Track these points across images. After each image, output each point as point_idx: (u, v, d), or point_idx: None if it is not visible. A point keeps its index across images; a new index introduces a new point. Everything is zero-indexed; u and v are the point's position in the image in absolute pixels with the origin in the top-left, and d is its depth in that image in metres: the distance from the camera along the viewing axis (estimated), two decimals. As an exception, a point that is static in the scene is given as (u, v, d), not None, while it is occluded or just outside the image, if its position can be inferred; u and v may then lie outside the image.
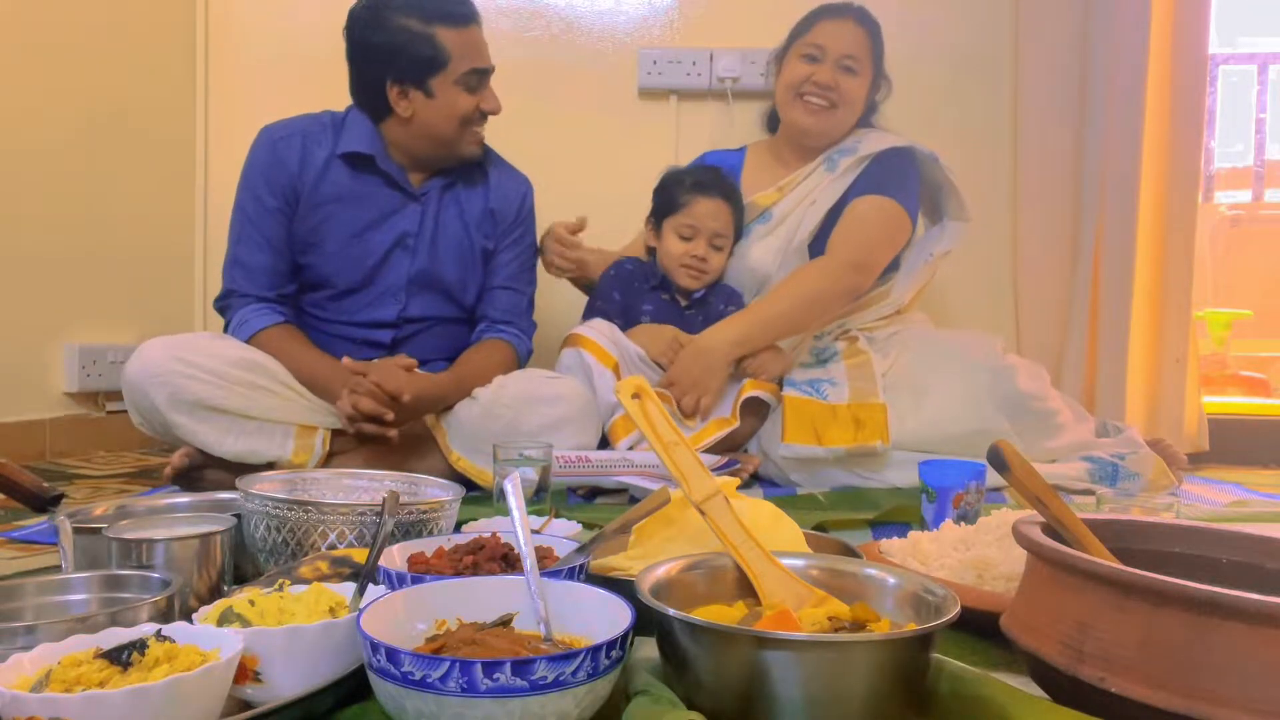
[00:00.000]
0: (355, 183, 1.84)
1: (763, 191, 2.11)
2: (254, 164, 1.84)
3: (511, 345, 1.92)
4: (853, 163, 2.07)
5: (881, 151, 2.06)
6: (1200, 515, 1.54)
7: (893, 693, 0.66)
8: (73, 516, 0.98)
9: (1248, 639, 0.59)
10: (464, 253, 1.92)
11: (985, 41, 2.47)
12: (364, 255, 1.85)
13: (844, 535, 1.26)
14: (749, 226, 2.11)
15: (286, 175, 1.81)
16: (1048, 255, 2.40)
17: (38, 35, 2.12)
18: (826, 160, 2.10)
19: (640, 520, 0.92)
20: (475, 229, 1.93)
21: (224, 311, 1.84)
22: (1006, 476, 0.78)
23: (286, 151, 1.81)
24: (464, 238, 1.92)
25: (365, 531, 1.00)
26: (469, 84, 1.80)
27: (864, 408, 1.82)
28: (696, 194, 2.03)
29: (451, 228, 1.91)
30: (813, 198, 2.07)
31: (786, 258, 2.06)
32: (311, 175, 1.82)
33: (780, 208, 2.10)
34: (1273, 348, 3.20)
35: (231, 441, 1.64)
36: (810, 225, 2.05)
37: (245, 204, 1.83)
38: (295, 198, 1.82)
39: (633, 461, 1.68)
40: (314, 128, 1.86)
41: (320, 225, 1.82)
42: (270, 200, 1.81)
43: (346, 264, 1.84)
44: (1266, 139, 3.42)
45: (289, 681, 0.69)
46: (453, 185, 1.91)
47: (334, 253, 1.84)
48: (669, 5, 2.54)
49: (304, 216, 1.82)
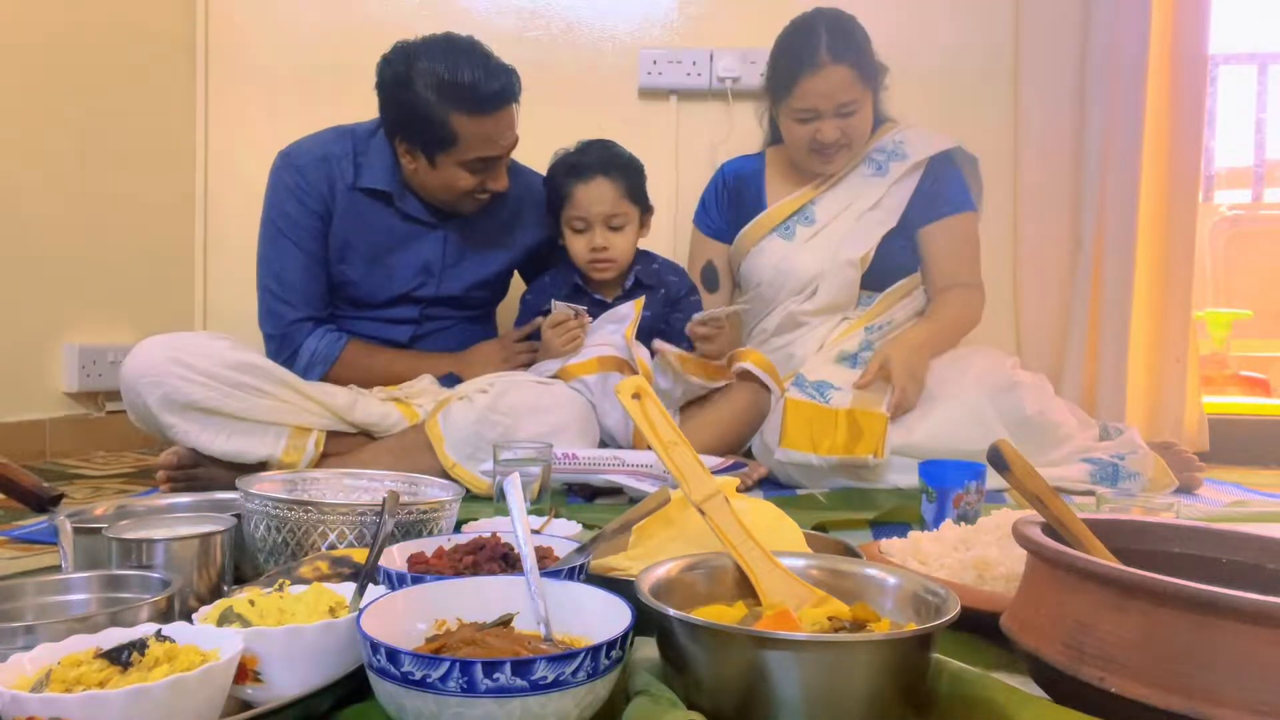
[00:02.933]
0: (376, 212, 1.86)
1: (794, 195, 2.11)
2: (281, 187, 1.83)
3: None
4: (906, 170, 2.06)
5: (936, 159, 2.07)
6: (1200, 515, 1.54)
7: (893, 693, 0.66)
8: (73, 516, 0.98)
9: (1248, 639, 0.59)
10: (488, 273, 1.97)
11: (985, 41, 2.47)
12: (388, 280, 1.89)
13: (844, 535, 1.26)
14: (790, 226, 2.09)
15: (317, 196, 1.82)
16: (1048, 255, 2.40)
17: (38, 36, 2.12)
18: (867, 159, 2.09)
19: (640, 520, 0.92)
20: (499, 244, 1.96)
21: (284, 343, 1.84)
22: (1006, 476, 0.78)
23: (315, 174, 1.82)
24: (489, 258, 1.96)
25: (365, 531, 1.00)
26: (474, 168, 1.78)
27: (865, 415, 1.79)
28: (573, 179, 1.92)
29: (476, 253, 1.94)
30: (859, 201, 2.06)
31: (836, 266, 2.04)
32: (340, 200, 1.83)
33: (822, 207, 2.09)
34: (1273, 348, 3.19)
35: (224, 440, 1.64)
36: (870, 242, 2.03)
37: (282, 229, 1.83)
38: (328, 215, 1.83)
39: (624, 460, 1.67)
40: (334, 150, 1.85)
41: (345, 249, 1.85)
42: (305, 219, 1.82)
43: (371, 287, 1.89)
44: (1266, 139, 3.42)
45: (289, 681, 0.69)
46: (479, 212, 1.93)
47: (357, 276, 1.88)
48: (669, 5, 2.54)
49: (333, 237, 1.85)
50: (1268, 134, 3.42)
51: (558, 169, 1.97)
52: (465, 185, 1.79)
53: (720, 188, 2.21)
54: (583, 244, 1.93)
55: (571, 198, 1.92)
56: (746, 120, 2.49)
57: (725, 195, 2.20)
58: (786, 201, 2.11)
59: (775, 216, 2.11)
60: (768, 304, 2.14)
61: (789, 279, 2.08)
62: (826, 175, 2.10)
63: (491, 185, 1.81)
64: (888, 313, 2.07)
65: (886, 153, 2.09)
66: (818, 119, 1.97)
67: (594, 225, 1.92)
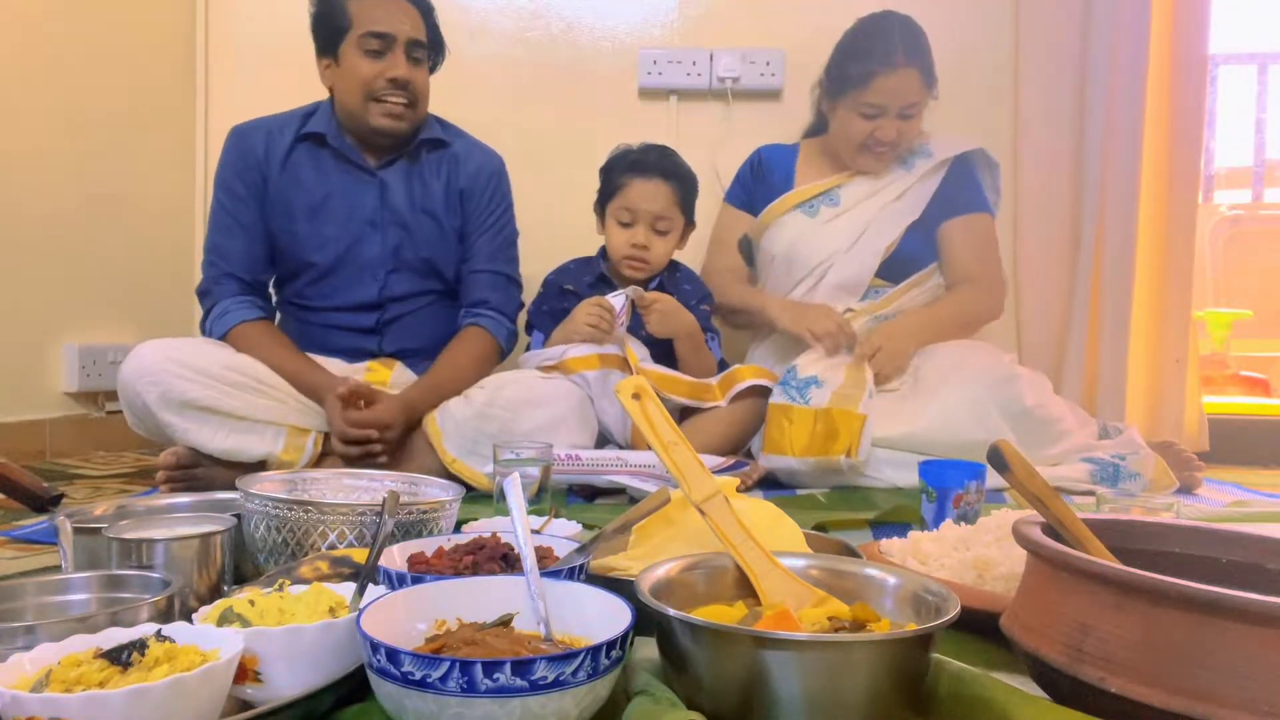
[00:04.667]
0: (315, 163, 1.88)
1: (825, 178, 2.15)
2: (224, 160, 1.89)
3: (488, 332, 1.91)
4: (931, 168, 2.10)
5: (958, 159, 2.12)
6: (1200, 515, 1.54)
7: (893, 693, 0.66)
8: (73, 516, 0.98)
9: (1248, 639, 0.59)
10: (434, 232, 1.92)
11: (985, 41, 2.47)
12: (333, 233, 1.87)
13: (844, 535, 1.26)
14: (815, 205, 2.12)
15: (253, 163, 1.85)
16: (1048, 255, 2.40)
17: (38, 36, 2.12)
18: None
19: (640, 520, 0.92)
20: (444, 208, 1.92)
21: (204, 299, 1.86)
22: (1006, 476, 0.78)
23: (252, 143, 1.86)
24: (431, 218, 1.91)
25: (365, 531, 1.00)
26: (368, 48, 1.78)
27: (842, 415, 1.79)
28: (632, 174, 1.94)
29: (417, 207, 1.91)
30: (885, 192, 2.10)
31: (857, 252, 2.07)
32: (276, 162, 1.86)
33: (848, 191, 2.12)
34: (1273, 348, 3.19)
35: (222, 438, 1.64)
36: (895, 232, 2.07)
37: (220, 198, 1.88)
38: (263, 183, 1.86)
39: (626, 461, 1.68)
40: (282, 120, 1.90)
41: (287, 207, 1.86)
42: (240, 188, 1.85)
43: (316, 241, 1.87)
44: (1266, 139, 3.42)
45: (289, 681, 0.69)
46: (415, 166, 1.91)
47: (304, 233, 1.87)
48: (669, 5, 2.54)
49: (273, 201, 1.86)
50: (1268, 134, 3.42)
51: (618, 161, 1.99)
52: (365, 73, 1.78)
53: (755, 164, 2.25)
54: (624, 238, 1.95)
55: (625, 190, 1.94)
56: (747, 120, 2.49)
57: (758, 171, 2.24)
58: (816, 184, 2.15)
59: (803, 194, 2.15)
60: (780, 285, 2.16)
61: (805, 255, 2.10)
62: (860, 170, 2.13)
63: (390, 73, 1.78)
64: (897, 303, 2.09)
65: (913, 150, 2.13)
66: (881, 116, 2.01)
67: (640, 222, 1.95)
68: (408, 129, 1.85)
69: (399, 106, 1.81)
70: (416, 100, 1.84)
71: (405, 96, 1.81)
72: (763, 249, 2.19)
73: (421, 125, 1.91)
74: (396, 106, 1.81)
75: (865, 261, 2.07)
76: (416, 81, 1.82)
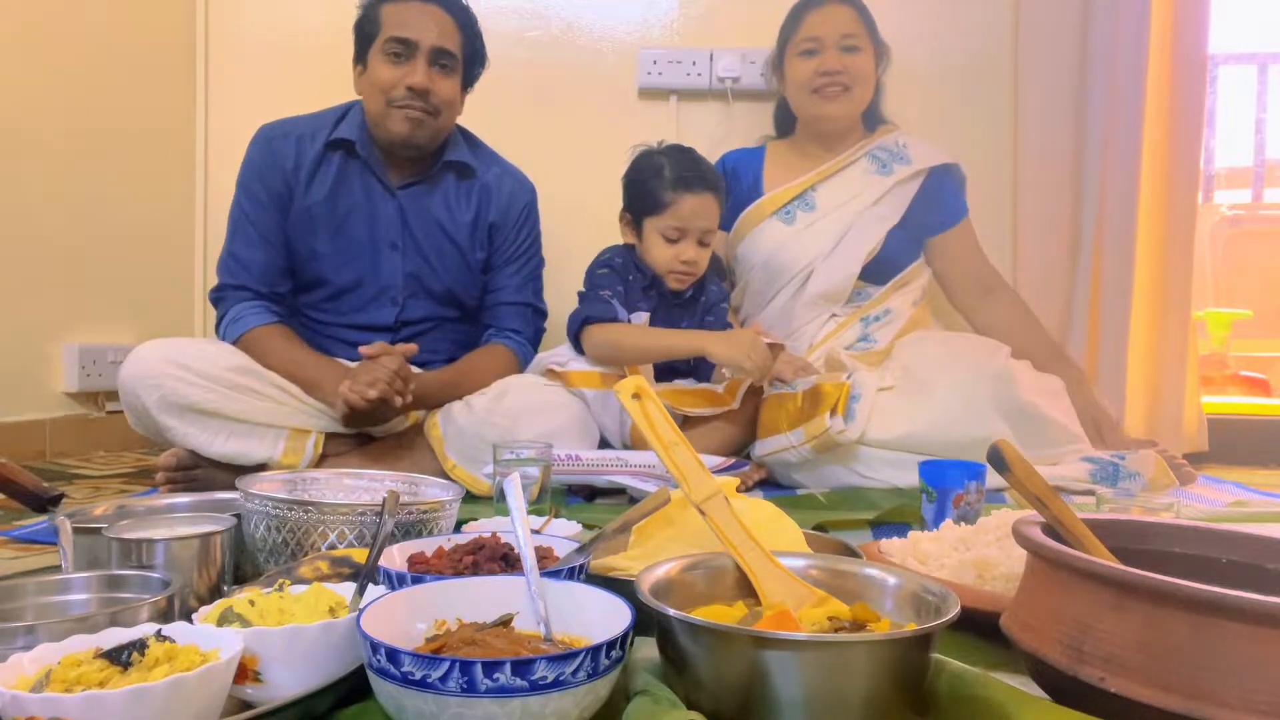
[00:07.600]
0: (341, 175, 1.84)
1: (795, 181, 2.13)
2: (249, 162, 1.85)
3: (513, 351, 1.91)
4: (910, 174, 2.10)
5: (936, 169, 2.14)
6: (1200, 515, 1.54)
7: (893, 693, 0.66)
8: (73, 516, 0.98)
9: (1248, 639, 0.59)
10: (457, 262, 1.90)
11: (985, 41, 2.47)
12: (353, 252, 1.85)
13: (844, 535, 1.26)
14: (791, 211, 2.11)
15: (280, 172, 1.82)
16: (1047, 255, 2.40)
17: (38, 36, 2.12)
18: (869, 156, 2.13)
19: (640, 520, 0.92)
20: (469, 240, 1.90)
21: (218, 304, 1.84)
22: (1006, 476, 0.78)
23: (281, 149, 1.82)
24: (453, 246, 1.89)
25: (365, 531, 1.00)
26: (391, 53, 1.76)
27: (827, 385, 1.78)
28: (682, 191, 1.88)
29: (438, 234, 1.88)
30: (863, 195, 2.09)
31: (837, 258, 2.06)
32: (305, 172, 1.83)
33: (823, 194, 2.12)
34: (1273, 348, 3.19)
35: (221, 442, 1.64)
36: (875, 238, 2.06)
37: (241, 201, 1.84)
38: (289, 194, 1.83)
39: (626, 461, 1.68)
40: (312, 125, 1.86)
41: (311, 221, 1.83)
42: (264, 196, 1.82)
43: (337, 261, 1.84)
44: (1266, 139, 3.42)
45: (289, 681, 0.69)
46: (437, 189, 1.88)
47: (325, 252, 1.84)
48: (669, 5, 2.54)
49: (298, 214, 1.83)
50: (1268, 134, 3.42)
51: (653, 172, 1.92)
52: (385, 79, 1.76)
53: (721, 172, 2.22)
54: (672, 254, 1.90)
55: (675, 207, 1.88)
56: (747, 120, 2.49)
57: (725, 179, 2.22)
58: (788, 187, 2.14)
59: (778, 200, 2.14)
60: (761, 294, 2.14)
61: (786, 263, 2.09)
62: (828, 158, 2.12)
63: (409, 80, 1.75)
64: (885, 302, 2.09)
65: (890, 153, 2.12)
66: (822, 51, 2.03)
67: (689, 237, 1.90)
68: (427, 138, 1.81)
69: (417, 112, 1.77)
70: (438, 110, 1.80)
71: (424, 104, 1.78)
72: (741, 258, 2.18)
73: (446, 140, 1.88)
74: (414, 112, 1.77)
75: (847, 268, 2.06)
76: (439, 90, 1.78)
